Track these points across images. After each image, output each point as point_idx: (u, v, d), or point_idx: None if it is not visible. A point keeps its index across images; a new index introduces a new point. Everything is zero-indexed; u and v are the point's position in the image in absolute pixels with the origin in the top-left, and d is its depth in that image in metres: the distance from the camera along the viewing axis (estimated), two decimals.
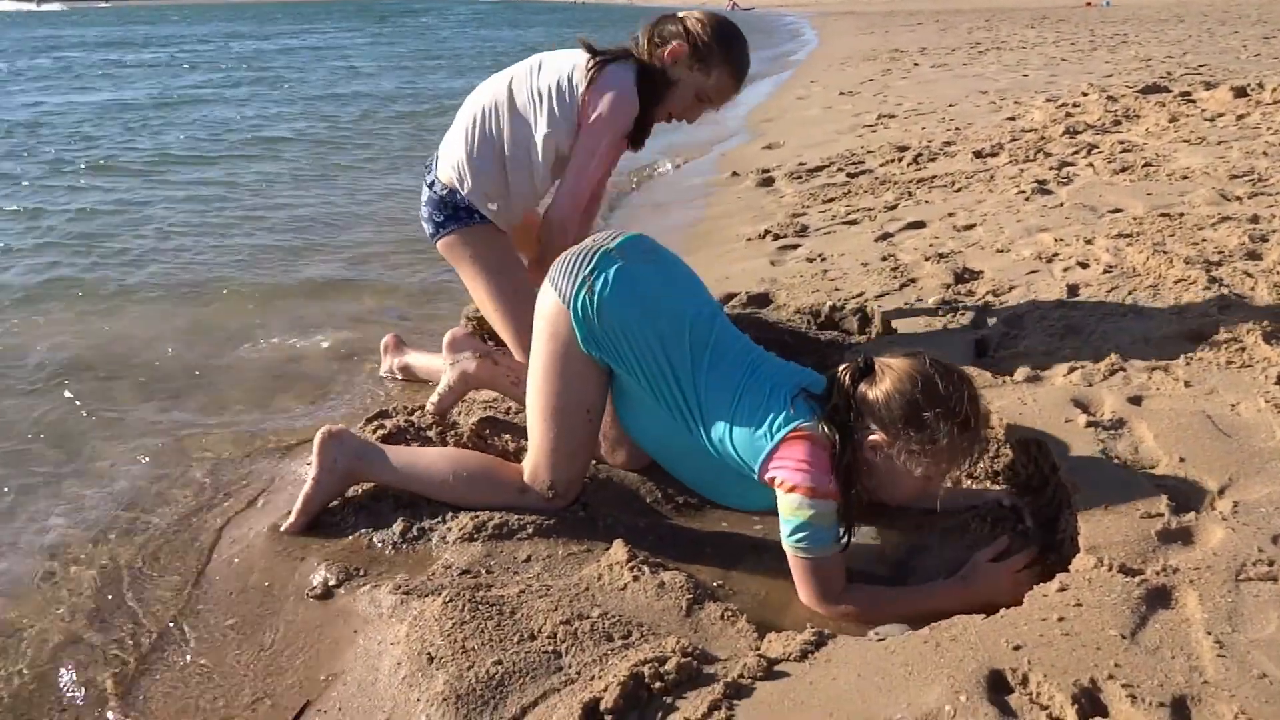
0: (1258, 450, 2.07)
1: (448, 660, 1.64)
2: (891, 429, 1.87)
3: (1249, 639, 1.50)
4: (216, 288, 4.36)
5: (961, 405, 1.86)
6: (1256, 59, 11.08)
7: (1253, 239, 3.57)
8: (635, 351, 2.04)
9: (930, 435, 1.85)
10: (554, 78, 2.60)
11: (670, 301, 2.08)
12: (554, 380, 2.10)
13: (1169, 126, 6.34)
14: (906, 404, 1.85)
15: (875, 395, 1.88)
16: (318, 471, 2.20)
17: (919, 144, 6.49)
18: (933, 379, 1.86)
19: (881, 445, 1.89)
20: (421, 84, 14.03)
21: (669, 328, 2.04)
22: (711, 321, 2.11)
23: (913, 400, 1.85)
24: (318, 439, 2.21)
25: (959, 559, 1.98)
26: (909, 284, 3.47)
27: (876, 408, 1.88)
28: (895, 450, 1.88)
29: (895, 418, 1.86)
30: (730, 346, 2.09)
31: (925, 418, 1.84)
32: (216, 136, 8.98)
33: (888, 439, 1.88)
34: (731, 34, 2.66)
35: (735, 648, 1.70)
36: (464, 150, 2.67)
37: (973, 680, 1.46)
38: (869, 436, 1.89)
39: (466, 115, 2.72)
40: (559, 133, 2.59)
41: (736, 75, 2.68)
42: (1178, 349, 2.63)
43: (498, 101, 2.66)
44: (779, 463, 1.90)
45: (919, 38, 18.79)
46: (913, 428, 1.85)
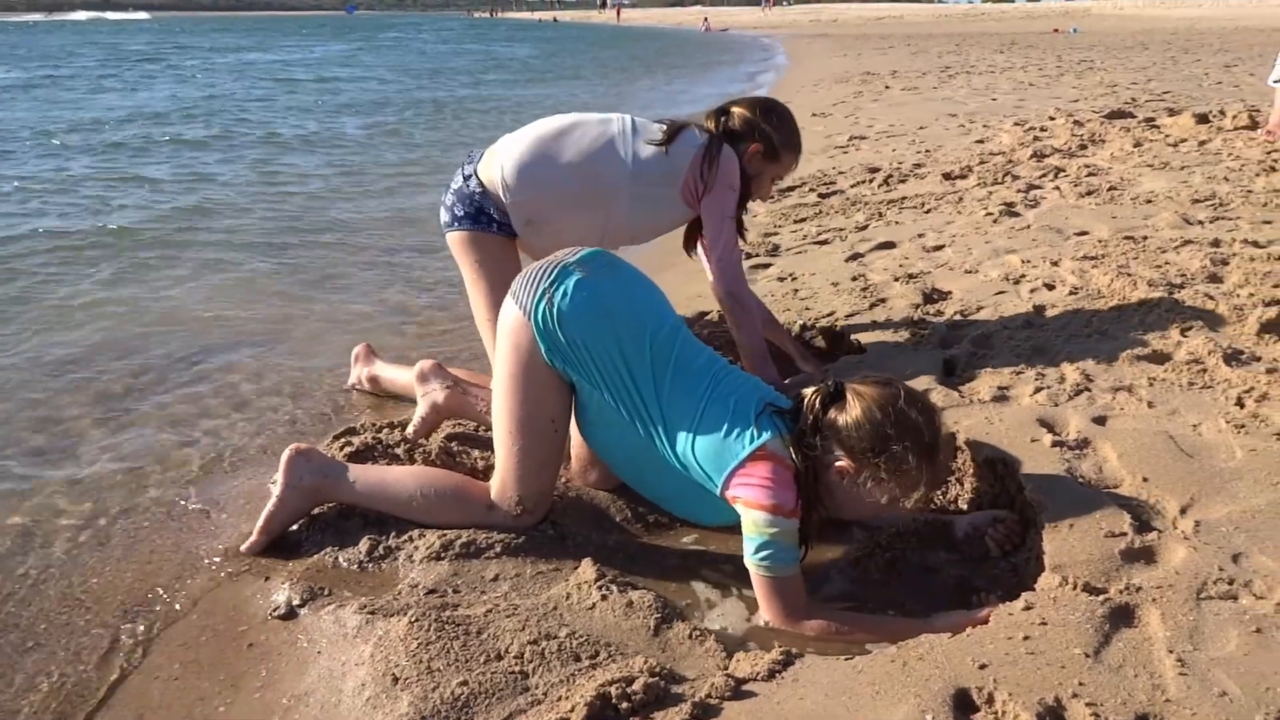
0: (1218, 470, 2.10)
1: (413, 681, 1.62)
2: (859, 457, 1.88)
3: (1210, 657, 1.52)
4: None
5: (928, 435, 1.88)
6: (1218, 86, 11.32)
7: (1214, 262, 3.63)
8: (597, 363, 2.04)
9: (897, 464, 1.86)
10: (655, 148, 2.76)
11: (630, 313, 2.08)
12: (517, 392, 2.09)
13: (1133, 151, 6.45)
14: (875, 433, 1.85)
15: (844, 422, 1.89)
16: (282, 490, 2.17)
17: (890, 165, 6.56)
18: (903, 409, 1.86)
19: (848, 471, 1.90)
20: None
21: (629, 338, 2.04)
22: (674, 334, 2.11)
23: (882, 430, 1.85)
24: (285, 456, 2.19)
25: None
26: (879, 304, 3.50)
27: (845, 435, 1.88)
28: (861, 477, 1.89)
29: (864, 447, 1.87)
30: (693, 359, 2.09)
31: (894, 448, 1.85)
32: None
33: (855, 466, 1.89)
34: (788, 117, 2.95)
35: (703, 667, 1.69)
36: (529, 166, 2.74)
37: (939, 699, 1.46)
38: (836, 462, 1.90)
39: (542, 135, 2.79)
40: (658, 194, 2.78)
41: (798, 152, 2.99)
42: (1141, 370, 2.67)
43: (588, 141, 2.76)
44: (743, 480, 1.91)
45: (890, 61, 19.02)
46: (880, 456, 1.86)
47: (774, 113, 2.90)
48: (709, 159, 2.74)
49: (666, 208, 2.81)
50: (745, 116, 2.86)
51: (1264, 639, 1.55)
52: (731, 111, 2.88)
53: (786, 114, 2.94)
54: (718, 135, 2.83)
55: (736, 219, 2.89)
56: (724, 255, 2.80)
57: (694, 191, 2.77)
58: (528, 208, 2.76)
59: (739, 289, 2.82)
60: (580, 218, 2.79)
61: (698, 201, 2.78)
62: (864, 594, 2.03)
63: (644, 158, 2.75)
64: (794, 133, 2.93)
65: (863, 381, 1.95)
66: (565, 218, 2.79)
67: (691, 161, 2.74)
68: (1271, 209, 4.53)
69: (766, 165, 2.89)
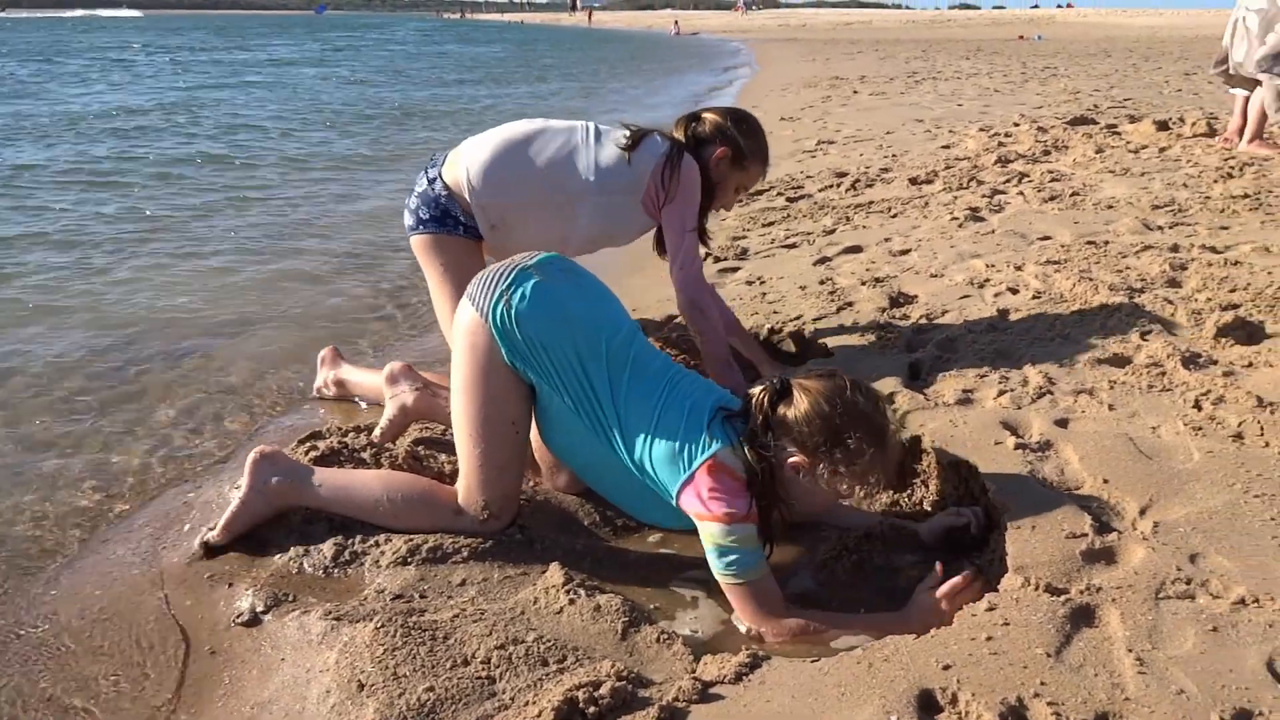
0: (1177, 472, 2.14)
1: (378, 687, 1.60)
2: (813, 451, 1.90)
3: (1168, 656, 1.54)
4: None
5: (877, 422, 1.91)
6: (1178, 94, 11.53)
7: (1173, 267, 3.70)
8: (555, 365, 2.04)
9: (850, 454, 1.88)
10: (618, 153, 2.77)
11: (587, 317, 2.09)
12: (477, 395, 2.09)
13: (1095, 157, 6.56)
14: (826, 426, 1.88)
15: (794, 417, 1.91)
16: (247, 492, 2.15)
17: (857, 170, 6.61)
18: (850, 399, 1.90)
19: (803, 466, 1.91)
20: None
21: (585, 342, 2.05)
22: (630, 339, 2.12)
23: (832, 422, 1.88)
24: (250, 459, 2.17)
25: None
26: (846, 307, 3.53)
27: (796, 430, 1.90)
28: (817, 470, 1.91)
29: (817, 441, 1.89)
30: (649, 364, 2.10)
31: (845, 438, 1.87)
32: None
33: (809, 460, 1.91)
34: (757, 128, 2.96)
35: (671, 670, 1.69)
36: (496, 169, 2.76)
37: (904, 700, 1.47)
38: (790, 459, 1.92)
39: (510, 139, 2.81)
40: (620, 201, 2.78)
41: (766, 164, 2.99)
42: (1102, 373, 2.71)
43: (554, 148, 2.77)
44: (694, 492, 1.92)
45: (858, 66, 19.18)
46: (834, 449, 1.88)
47: (745, 122, 2.93)
48: (670, 167, 2.75)
49: (629, 216, 2.83)
50: (715, 122, 2.87)
51: (1220, 637, 1.58)
52: (703, 117, 2.89)
53: (757, 126, 2.96)
54: (682, 142, 2.83)
55: (700, 227, 2.90)
56: (685, 264, 2.81)
57: (655, 200, 2.78)
58: (494, 211, 2.77)
59: (700, 298, 2.82)
60: (545, 223, 2.80)
61: (659, 211, 2.79)
62: (830, 596, 2.04)
63: (606, 166, 2.76)
64: (762, 144, 2.95)
65: (808, 376, 1.98)
66: (531, 222, 2.80)
67: (654, 169, 2.75)
68: (1228, 215, 4.62)
69: (732, 172, 2.89)
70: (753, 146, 2.90)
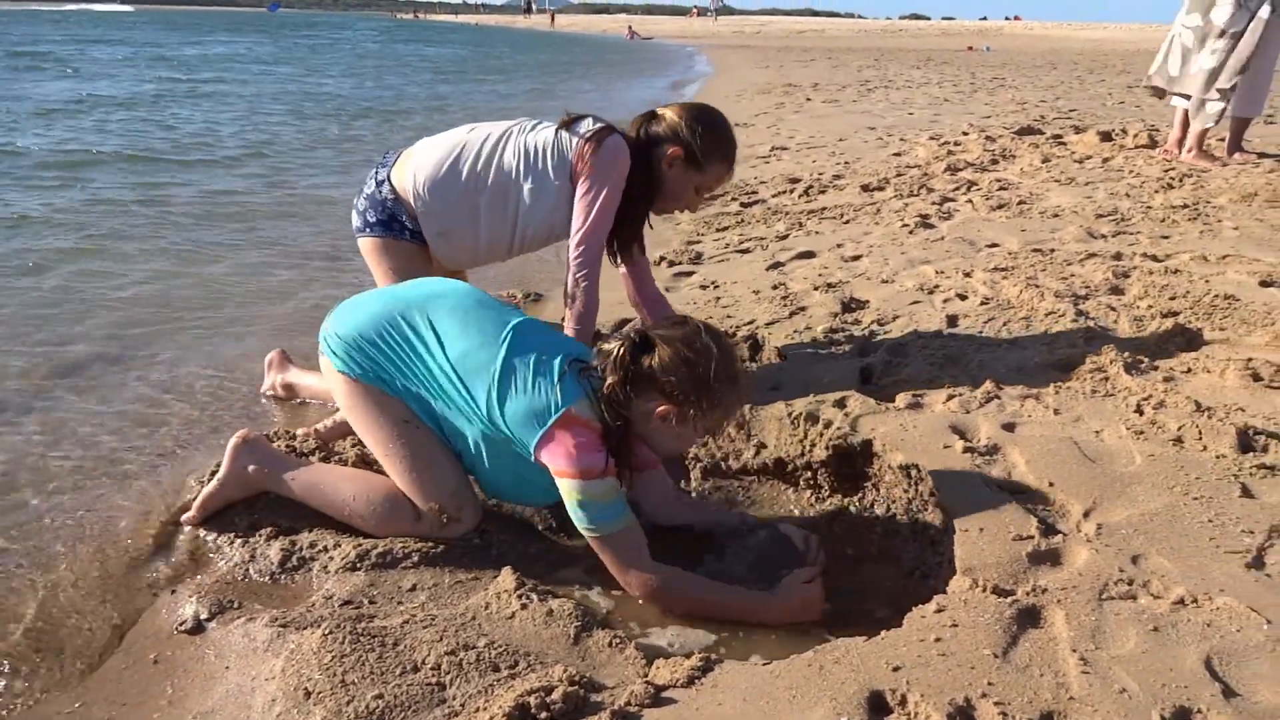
0: (1119, 475, 2.18)
1: (326, 695, 1.58)
2: (679, 399, 1.93)
3: (1111, 655, 1.58)
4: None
5: (734, 367, 1.98)
6: (1121, 106, 11.82)
7: (1116, 275, 3.78)
8: (389, 358, 2.09)
9: (714, 401, 1.94)
10: (546, 137, 2.72)
11: (386, 295, 2.20)
12: (365, 415, 2.13)
13: (1042, 167, 6.69)
14: (692, 375, 1.92)
15: (658, 367, 1.93)
16: (225, 474, 2.20)
17: (810, 176, 6.67)
18: (709, 347, 1.94)
19: (670, 414, 1.95)
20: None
21: (406, 310, 2.12)
22: (442, 298, 2.15)
23: (696, 370, 1.92)
24: (232, 443, 2.23)
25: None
26: (798, 312, 3.56)
27: (662, 380, 1.93)
28: (686, 416, 1.95)
29: (683, 389, 1.92)
30: (487, 318, 2.10)
31: (711, 386, 1.92)
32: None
33: (676, 408, 1.94)
34: (718, 125, 2.81)
35: (623, 675, 1.69)
36: (438, 178, 2.74)
37: (854, 702, 1.48)
38: (658, 408, 1.94)
39: (452, 145, 2.77)
40: (551, 186, 2.71)
41: (730, 164, 2.85)
42: (1048, 378, 2.77)
43: (490, 146, 2.74)
44: (550, 448, 1.94)
45: (812, 74, 19.37)
46: (700, 395, 1.93)
47: (703, 120, 2.78)
48: (594, 139, 2.66)
49: (563, 199, 2.73)
50: (672, 121, 2.77)
51: (1161, 637, 1.62)
52: (661, 115, 2.80)
53: (718, 123, 2.82)
54: (614, 129, 2.73)
55: (638, 222, 2.85)
56: (583, 240, 2.69)
57: (576, 177, 2.69)
58: (438, 220, 2.76)
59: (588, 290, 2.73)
60: (489, 226, 2.78)
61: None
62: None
63: (536, 149, 2.71)
64: (722, 143, 2.79)
65: (661, 326, 2.02)
66: (475, 227, 2.79)
67: (577, 147, 2.68)
68: (1169, 225, 4.75)
69: (689, 173, 2.78)
70: (709, 147, 2.76)
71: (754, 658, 1.77)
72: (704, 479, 2.52)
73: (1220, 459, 2.24)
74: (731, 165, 2.86)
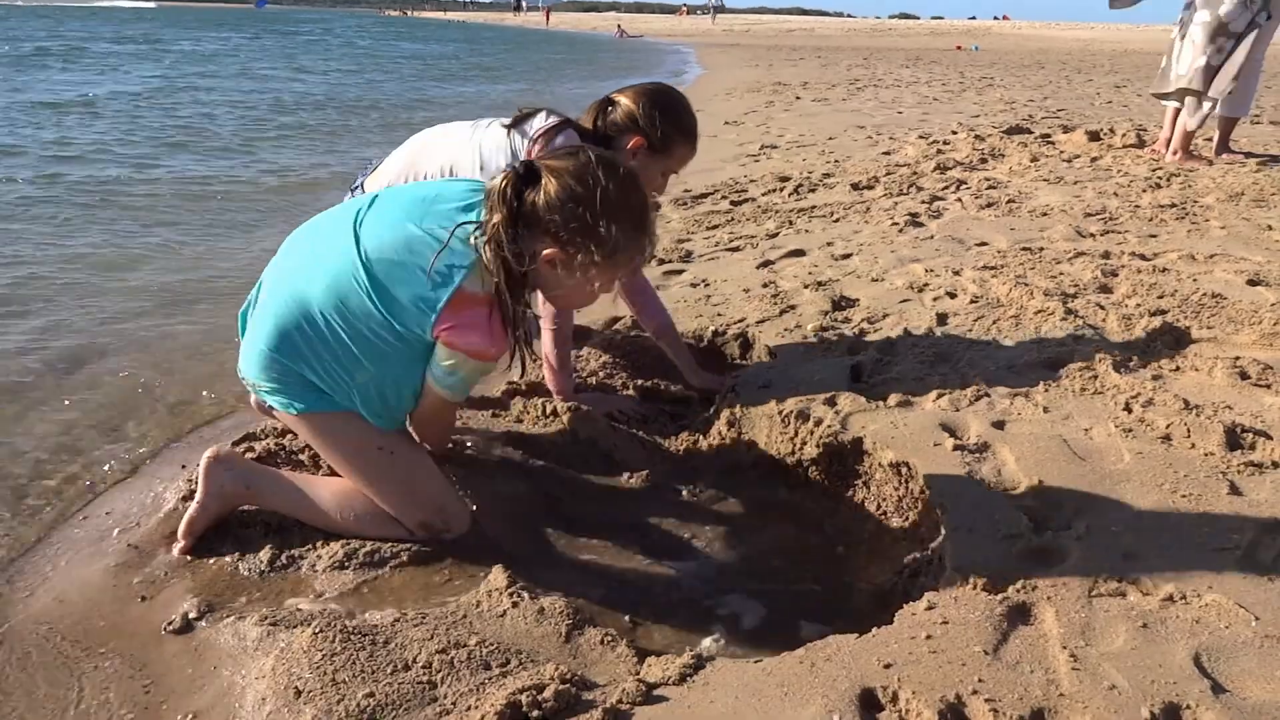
0: (1108, 473, 2.20)
1: (316, 694, 1.57)
2: (565, 240, 1.78)
3: (1100, 652, 1.58)
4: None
5: (635, 200, 1.79)
6: (1109, 105, 11.88)
7: (1104, 273, 3.80)
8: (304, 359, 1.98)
9: (604, 245, 1.78)
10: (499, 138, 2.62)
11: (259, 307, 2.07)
12: (329, 447, 2.08)
13: (1030, 166, 6.72)
14: (580, 211, 1.75)
15: (543, 203, 1.77)
16: (203, 496, 2.09)
17: (800, 175, 6.68)
18: (601, 182, 1.75)
19: (558, 258, 1.80)
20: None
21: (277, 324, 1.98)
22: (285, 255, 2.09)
23: (586, 207, 1.75)
24: (203, 464, 2.11)
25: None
26: (789, 310, 3.56)
27: (546, 218, 1.76)
28: (576, 261, 1.80)
29: (571, 230, 1.76)
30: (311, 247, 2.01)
31: (600, 228, 1.75)
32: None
33: (563, 252, 1.79)
34: (677, 107, 2.71)
35: (614, 673, 1.69)
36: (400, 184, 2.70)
37: (846, 699, 1.49)
38: (542, 250, 1.78)
39: (411, 153, 2.73)
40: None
41: (693, 143, 2.75)
42: (1037, 376, 2.78)
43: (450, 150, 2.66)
44: (445, 327, 1.84)
45: (801, 72, 19.40)
46: (587, 237, 1.76)
47: (659, 104, 2.68)
48: (545, 137, 2.58)
49: None
50: (628, 109, 2.66)
51: (1150, 634, 1.63)
52: (616, 102, 2.69)
53: (676, 103, 2.71)
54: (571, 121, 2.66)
55: None
56: None
57: None
58: None
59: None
60: None
61: None
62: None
63: (490, 147, 2.64)
64: (684, 124, 2.70)
65: (553, 156, 1.84)
66: None
67: (526, 148, 2.60)
68: (1156, 223, 4.77)
69: (653, 161, 2.68)
70: (669, 131, 2.64)
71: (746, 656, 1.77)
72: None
73: (1208, 457, 2.25)
74: (694, 144, 2.76)
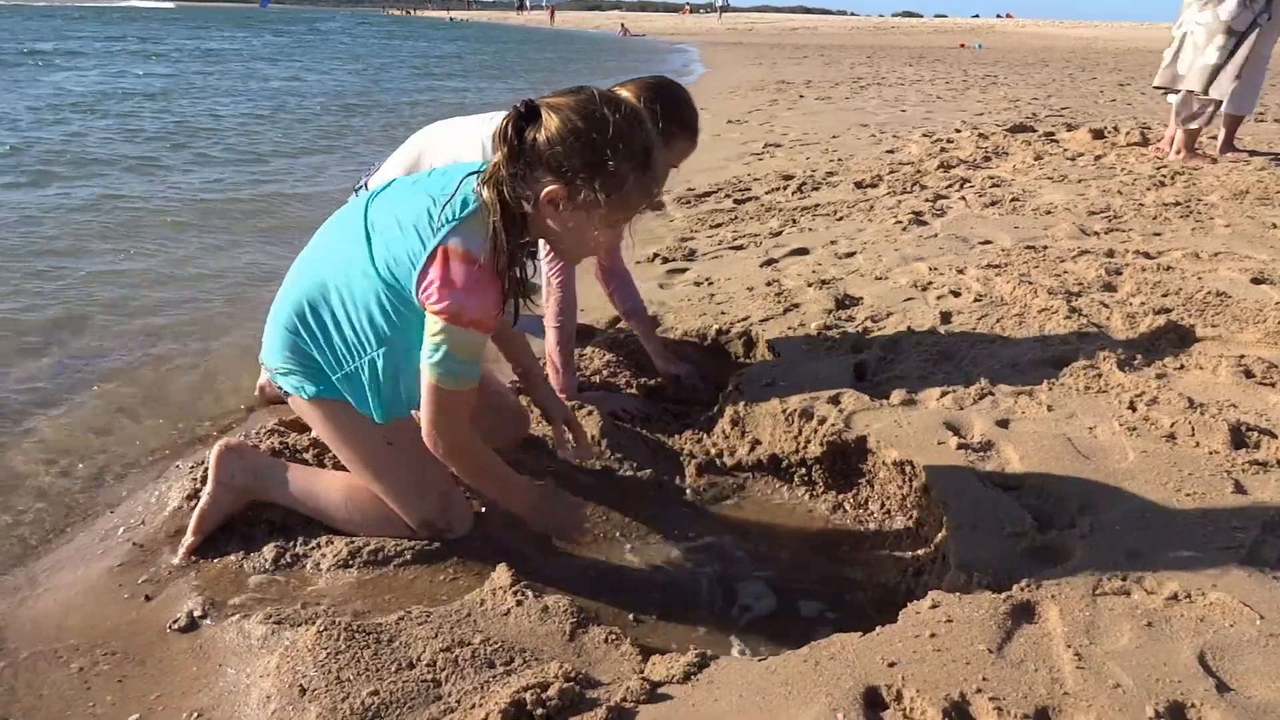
0: (1113, 471, 2.19)
1: (321, 692, 1.57)
2: (569, 177, 1.70)
3: (1105, 651, 1.58)
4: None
5: (640, 137, 1.73)
6: (1113, 104, 11.85)
7: (1108, 272, 3.80)
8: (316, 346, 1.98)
9: (611, 180, 1.71)
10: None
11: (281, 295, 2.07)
12: (337, 437, 2.06)
13: (1034, 164, 6.71)
14: (583, 145, 1.68)
15: (545, 138, 1.69)
16: (214, 487, 2.09)
17: (803, 173, 6.67)
18: (605, 116, 1.69)
19: (559, 196, 1.72)
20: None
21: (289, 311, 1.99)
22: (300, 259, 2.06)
23: (589, 139, 1.68)
24: (215, 452, 2.11)
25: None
26: (792, 309, 3.56)
27: (548, 154, 1.69)
28: (579, 199, 1.73)
29: (573, 163, 1.69)
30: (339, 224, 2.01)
31: (606, 161, 1.68)
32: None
33: (565, 187, 1.71)
34: (678, 101, 2.69)
35: (619, 671, 1.69)
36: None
37: (850, 697, 1.49)
38: (544, 189, 1.71)
39: (413, 150, 2.76)
40: None
41: (694, 137, 2.73)
42: (1041, 375, 2.77)
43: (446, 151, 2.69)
44: (424, 284, 1.76)
45: (804, 71, 19.38)
46: (592, 171, 1.69)
47: (660, 98, 2.64)
48: None
49: None
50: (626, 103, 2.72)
51: (1154, 632, 1.63)
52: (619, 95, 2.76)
53: (677, 96, 2.71)
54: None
55: None
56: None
57: None
58: None
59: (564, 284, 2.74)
60: None
61: None
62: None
63: (487, 148, 2.66)
64: (685, 118, 2.67)
65: (553, 95, 1.76)
66: None
67: None
68: (1161, 222, 4.76)
69: None
70: (672, 126, 2.63)
71: (750, 654, 1.77)
72: (699, 475, 2.52)
73: (1213, 455, 2.25)
74: (695, 138, 2.75)
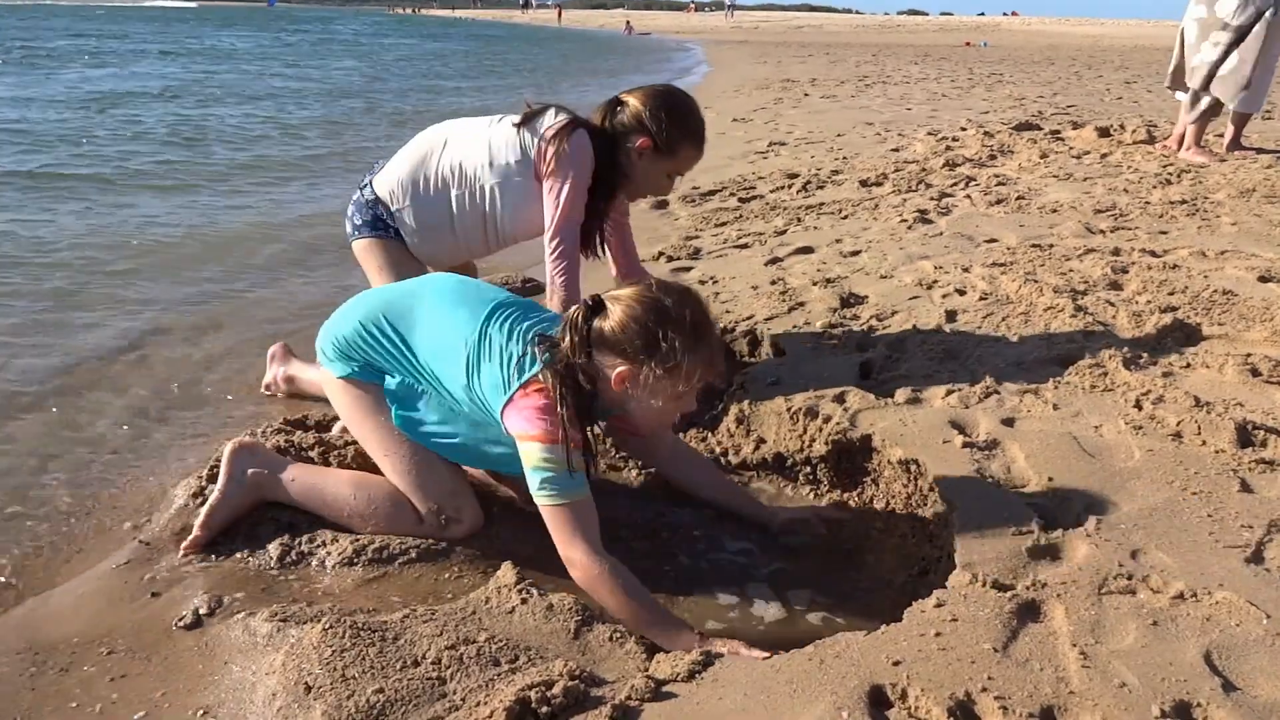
0: (1118, 470, 2.19)
1: (326, 690, 1.58)
2: (633, 358, 1.90)
3: (1110, 650, 1.58)
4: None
5: (691, 319, 1.91)
6: (1119, 101, 11.82)
7: (1114, 270, 3.78)
8: (378, 354, 2.13)
9: (667, 356, 1.89)
10: (509, 135, 2.73)
11: (370, 297, 2.25)
12: (361, 415, 2.15)
13: (1040, 162, 6.69)
14: (642, 331, 1.89)
15: (611, 327, 1.91)
16: (225, 483, 2.13)
17: (808, 172, 6.67)
18: (659, 300, 1.90)
19: (627, 376, 1.92)
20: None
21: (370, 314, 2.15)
22: (414, 294, 2.18)
23: (646, 325, 1.89)
24: (228, 450, 2.17)
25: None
26: (797, 307, 3.55)
27: (615, 340, 1.91)
28: (641, 378, 1.91)
29: (635, 347, 1.89)
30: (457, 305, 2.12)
31: (661, 341, 1.88)
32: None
33: (631, 368, 1.91)
34: (684, 110, 2.77)
35: (623, 669, 1.69)
36: (409, 180, 2.80)
37: (855, 696, 1.48)
38: (615, 370, 1.92)
39: (422, 148, 2.83)
40: (516, 182, 2.73)
41: (700, 146, 2.81)
42: (1047, 373, 2.77)
43: (459, 146, 2.78)
44: (514, 412, 1.93)
45: (809, 69, 19.35)
46: (651, 353, 1.89)
47: (666, 106, 2.75)
48: (557, 138, 2.66)
49: (531, 196, 2.75)
50: (636, 110, 2.73)
51: (1160, 631, 1.62)
52: (625, 103, 2.77)
53: (684, 105, 2.79)
54: (581, 120, 2.73)
55: (602, 214, 2.85)
56: (556, 234, 2.72)
57: (540, 174, 2.71)
58: (414, 220, 2.82)
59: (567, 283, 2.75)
60: (462, 224, 2.82)
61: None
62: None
63: (500, 146, 2.73)
64: (691, 126, 2.77)
65: (617, 287, 1.99)
66: (449, 226, 2.83)
67: (537, 143, 2.69)
68: (1167, 220, 4.75)
69: (659, 161, 2.77)
70: (677, 134, 2.74)
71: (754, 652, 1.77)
72: None
73: (1219, 454, 2.24)
74: (701, 147, 2.82)
